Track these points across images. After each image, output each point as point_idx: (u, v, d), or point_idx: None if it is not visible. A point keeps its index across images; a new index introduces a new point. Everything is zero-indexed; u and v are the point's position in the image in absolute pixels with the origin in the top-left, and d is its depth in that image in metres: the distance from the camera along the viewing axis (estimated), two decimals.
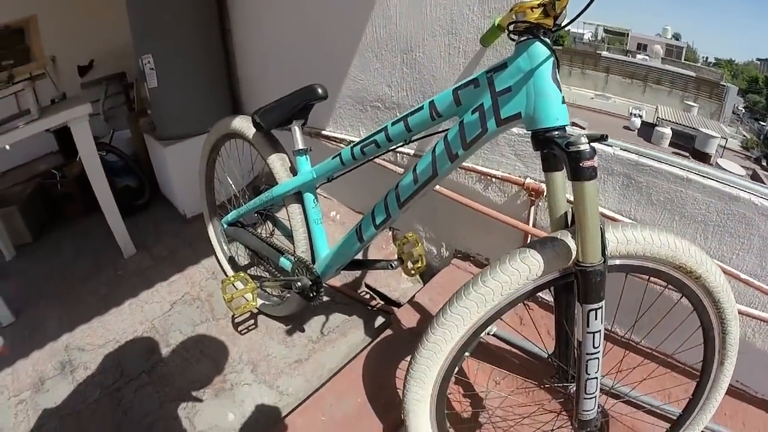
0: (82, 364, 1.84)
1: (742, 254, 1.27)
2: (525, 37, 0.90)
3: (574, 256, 0.87)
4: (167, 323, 1.99)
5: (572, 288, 0.91)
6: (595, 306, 0.87)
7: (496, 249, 1.80)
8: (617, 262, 0.92)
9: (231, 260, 2.12)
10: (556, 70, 0.89)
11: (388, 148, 1.25)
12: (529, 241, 1.62)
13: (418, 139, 1.23)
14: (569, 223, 0.94)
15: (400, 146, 1.26)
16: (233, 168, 1.96)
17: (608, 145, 1.41)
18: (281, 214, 1.69)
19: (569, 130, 0.89)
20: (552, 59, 0.88)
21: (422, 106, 1.12)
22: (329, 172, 1.41)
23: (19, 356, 1.90)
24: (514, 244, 1.67)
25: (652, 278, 0.99)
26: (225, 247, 2.14)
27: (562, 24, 0.89)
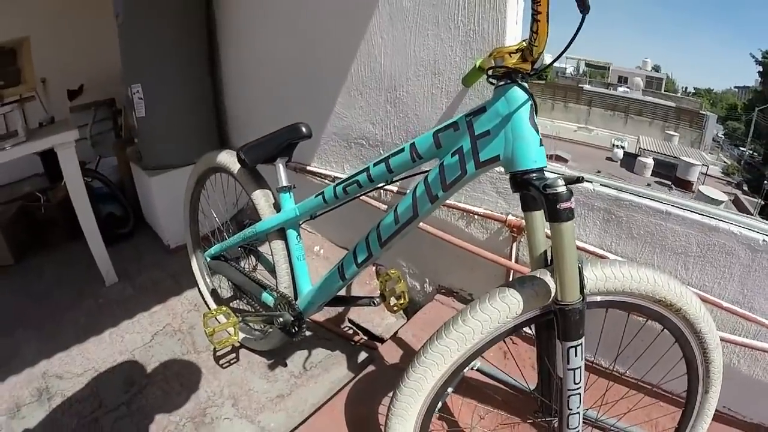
0: (59, 392, 1.80)
1: (723, 283, 1.30)
2: (503, 82, 0.93)
3: (553, 294, 0.89)
4: (148, 354, 1.96)
5: (553, 325, 0.92)
6: (574, 343, 0.88)
7: (479, 284, 1.81)
8: (597, 298, 0.93)
9: (214, 293, 2.10)
10: (534, 114, 0.91)
11: (370, 188, 1.27)
12: (510, 279, 1.64)
13: (399, 180, 1.25)
14: (549, 261, 0.95)
15: (382, 186, 1.28)
16: (218, 201, 1.97)
17: (588, 181, 1.44)
18: (264, 249, 1.69)
19: (547, 172, 0.91)
20: (530, 103, 0.90)
21: (403, 147, 1.15)
22: (312, 210, 1.43)
23: None
24: (497, 279, 1.69)
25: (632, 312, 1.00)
26: (208, 280, 2.13)
27: (540, 68, 0.92)
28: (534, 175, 0.89)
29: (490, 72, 0.95)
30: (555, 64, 0.87)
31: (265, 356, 1.89)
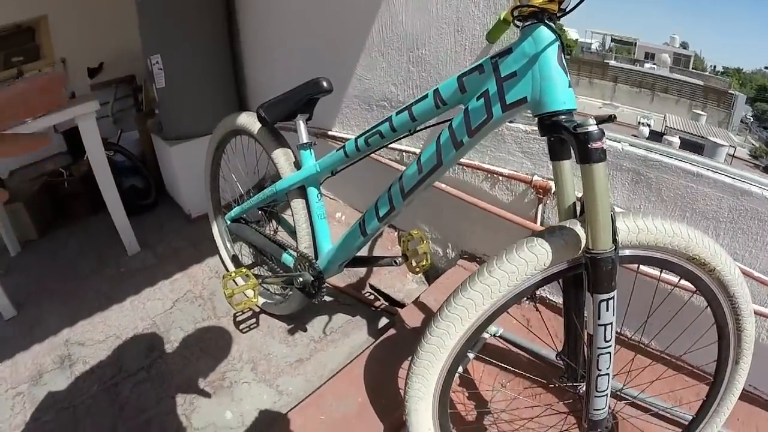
0: (81, 358, 1.83)
1: (755, 252, 1.23)
2: (530, 22, 0.88)
3: (583, 245, 0.84)
4: (168, 320, 1.98)
5: (581, 280, 0.88)
6: (606, 296, 0.83)
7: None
8: (627, 252, 0.88)
9: (234, 259, 2.10)
10: (562, 54, 0.86)
11: (393, 138, 1.23)
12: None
13: (422, 129, 1.20)
14: (578, 212, 0.91)
15: (405, 136, 1.23)
16: (239, 166, 1.95)
17: (616, 141, 1.38)
18: (285, 213, 1.67)
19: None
20: (557, 43, 0.85)
21: (427, 94, 1.10)
22: (333, 166, 1.39)
23: (19, 349, 1.89)
24: None
25: (662, 274, 0.95)
26: (229, 246, 2.13)
27: (567, 9, 0.86)
28: (563, 117, 0.84)
29: (515, 12, 0.89)
30: (580, 39, 0.82)
31: (285, 321, 1.89)
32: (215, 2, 2.55)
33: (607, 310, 0.84)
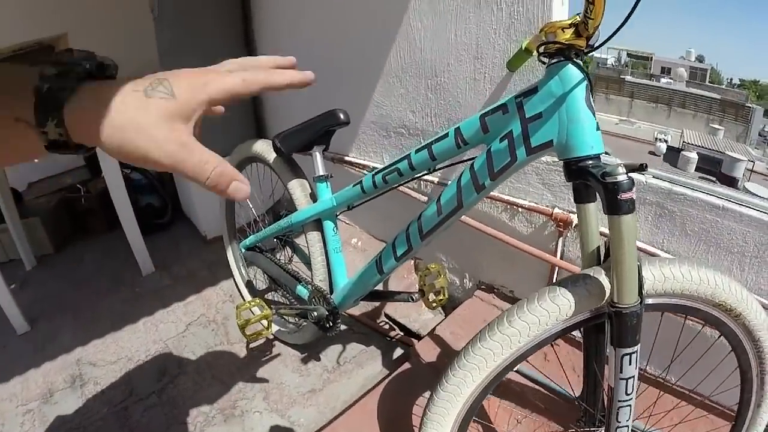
0: (92, 379, 1.83)
1: None
2: (556, 60, 0.84)
3: (607, 296, 0.81)
4: (181, 344, 1.97)
5: (604, 329, 0.85)
6: (629, 350, 0.80)
7: (521, 281, 1.73)
8: (652, 300, 0.85)
9: (249, 284, 2.09)
10: (590, 95, 0.82)
11: (412, 176, 1.20)
12: (554, 276, 1.56)
13: (442, 168, 1.18)
14: (602, 258, 0.87)
15: (424, 175, 1.21)
16: (254, 192, 1.93)
17: (640, 174, 1.35)
18: (300, 241, 1.66)
19: (604, 158, 0.83)
20: (585, 83, 0.81)
21: (447, 133, 1.07)
22: (350, 200, 1.37)
23: (31, 365, 1.89)
24: (541, 276, 1.61)
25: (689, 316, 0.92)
26: (243, 271, 2.11)
27: (595, 45, 0.83)
28: (591, 162, 0.80)
29: (541, 49, 0.85)
30: (596, 55, 0.79)
31: (299, 350, 1.86)
32: (233, 21, 2.57)
33: (630, 363, 0.81)
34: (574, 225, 1.45)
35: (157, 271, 2.53)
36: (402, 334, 1.88)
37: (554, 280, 1.58)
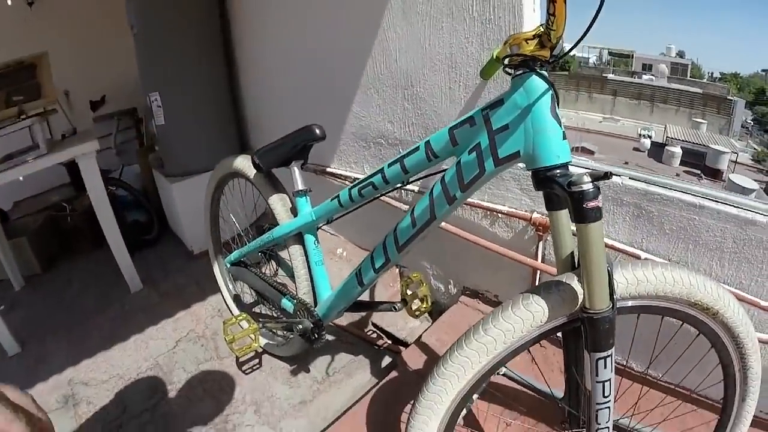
0: (85, 398, 1.82)
1: (761, 280, 1.21)
2: (521, 71, 0.86)
3: (581, 301, 0.82)
4: (171, 361, 1.96)
5: (581, 332, 0.86)
6: (603, 354, 0.82)
7: (505, 285, 1.75)
8: (629, 303, 0.87)
9: (236, 298, 2.09)
10: (556, 105, 0.84)
11: (387, 189, 1.21)
12: (537, 279, 1.58)
13: (416, 180, 1.19)
14: (576, 263, 0.88)
15: (398, 188, 1.23)
16: (237, 207, 1.95)
17: (616, 175, 1.37)
18: (285, 254, 1.67)
19: (572, 167, 0.85)
20: (550, 93, 0.83)
21: (418, 146, 1.09)
22: (329, 214, 1.38)
23: (22, 387, 1.85)
24: (524, 279, 1.63)
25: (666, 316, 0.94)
26: (230, 286, 2.12)
27: (559, 55, 0.85)
28: (557, 171, 0.82)
29: (506, 61, 0.87)
30: (578, 54, 0.80)
31: (288, 362, 1.86)
32: (212, 40, 2.58)
33: (605, 367, 0.83)
34: None
35: (145, 287, 2.52)
36: (389, 342, 1.89)
37: (537, 283, 1.59)
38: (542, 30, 0.81)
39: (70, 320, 2.32)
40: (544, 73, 0.84)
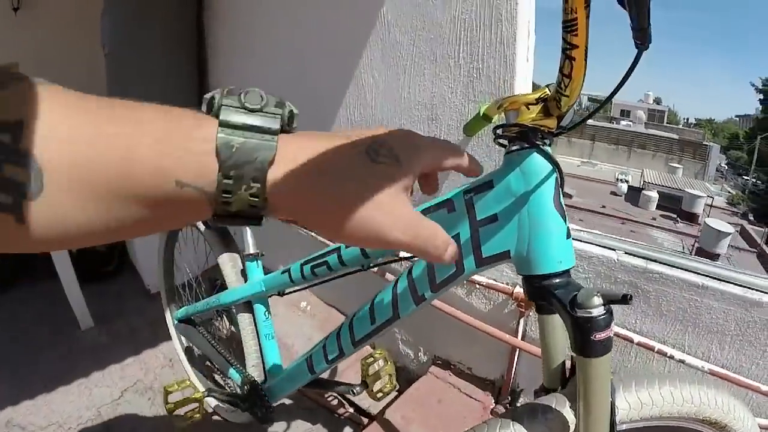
0: None
1: (762, 363, 1.12)
2: (518, 146, 0.65)
3: (572, 431, 0.67)
4: (115, 412, 1.79)
5: None
6: None
7: (480, 358, 1.60)
8: (628, 426, 0.74)
9: (188, 351, 1.91)
10: (560, 191, 0.64)
11: (343, 272, 1.02)
12: (516, 356, 1.43)
13: (377, 265, 1.03)
14: (567, 378, 0.73)
15: (357, 271, 1.02)
16: (189, 255, 1.80)
17: (611, 249, 1.25)
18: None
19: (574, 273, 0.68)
20: (555, 176, 0.63)
21: None
22: (279, 287, 1.21)
23: None
24: (501, 354, 1.49)
25: None
26: (182, 338, 1.93)
27: (568, 126, 0.66)
28: (557, 281, 0.63)
29: (499, 131, 0.67)
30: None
31: (239, 428, 1.69)
32: (189, 64, 2.47)
33: None
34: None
35: (96, 326, 2.33)
36: (351, 411, 1.73)
37: (515, 361, 1.45)
38: (549, 93, 0.62)
39: (17, 354, 2.12)
40: (548, 149, 0.64)
